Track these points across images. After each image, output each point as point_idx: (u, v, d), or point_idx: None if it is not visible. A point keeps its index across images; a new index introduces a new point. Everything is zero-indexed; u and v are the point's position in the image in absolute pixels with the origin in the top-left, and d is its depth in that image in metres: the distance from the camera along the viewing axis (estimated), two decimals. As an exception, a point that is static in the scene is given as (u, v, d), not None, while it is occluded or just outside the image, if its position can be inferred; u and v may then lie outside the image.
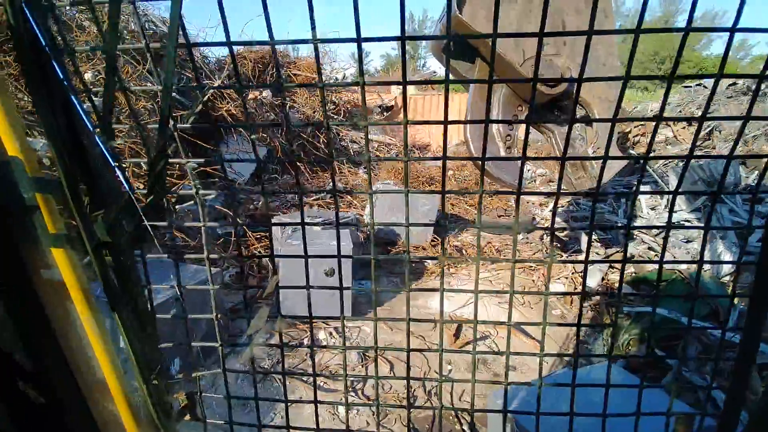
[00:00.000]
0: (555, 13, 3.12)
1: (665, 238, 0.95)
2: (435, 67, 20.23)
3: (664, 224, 1.00)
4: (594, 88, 3.37)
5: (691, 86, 11.95)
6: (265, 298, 4.70)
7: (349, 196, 8.03)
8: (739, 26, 0.74)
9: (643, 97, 23.34)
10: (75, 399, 0.63)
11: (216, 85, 6.66)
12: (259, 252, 5.72)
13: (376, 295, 1.01)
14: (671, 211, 0.95)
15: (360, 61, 0.79)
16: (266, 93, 8.63)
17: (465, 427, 3.21)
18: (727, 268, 4.68)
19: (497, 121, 0.85)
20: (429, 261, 6.29)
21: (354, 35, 0.76)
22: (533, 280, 5.89)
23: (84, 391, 0.64)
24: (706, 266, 4.82)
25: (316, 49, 0.76)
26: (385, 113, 12.98)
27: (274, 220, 5.36)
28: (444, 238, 1.21)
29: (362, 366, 3.93)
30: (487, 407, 2.93)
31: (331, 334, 4.46)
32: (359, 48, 0.76)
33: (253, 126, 0.83)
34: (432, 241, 6.75)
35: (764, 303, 1.03)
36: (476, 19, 2.94)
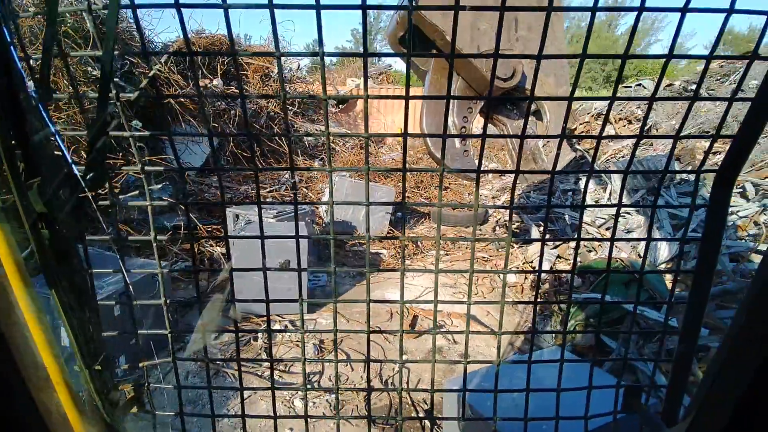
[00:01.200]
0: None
1: (616, 216, 0.99)
2: (390, 60, 20.27)
3: (610, 215, 1.04)
4: (544, 85, 3.48)
5: (631, 86, 12.61)
6: (219, 286, 4.57)
7: (304, 189, 7.93)
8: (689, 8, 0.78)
9: (587, 95, 24.52)
10: (19, 386, 0.57)
11: (164, 58, 6.37)
12: (210, 244, 5.54)
13: (335, 287, 0.99)
14: (621, 193, 1.00)
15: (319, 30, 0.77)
16: (216, 81, 8.35)
17: (422, 415, 3.25)
18: (664, 256, 4.99)
19: (457, 97, 0.85)
20: (384, 252, 6.32)
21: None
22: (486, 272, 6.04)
23: (26, 379, 0.59)
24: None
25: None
26: (340, 105, 12.87)
27: (227, 210, 5.20)
28: (404, 221, 1.21)
29: (318, 358, 3.90)
30: (443, 395, 2.99)
31: (285, 326, 4.40)
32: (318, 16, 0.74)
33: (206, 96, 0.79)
34: (388, 232, 6.79)
35: (707, 277, 1.09)
36: (432, 13, 2.97)
